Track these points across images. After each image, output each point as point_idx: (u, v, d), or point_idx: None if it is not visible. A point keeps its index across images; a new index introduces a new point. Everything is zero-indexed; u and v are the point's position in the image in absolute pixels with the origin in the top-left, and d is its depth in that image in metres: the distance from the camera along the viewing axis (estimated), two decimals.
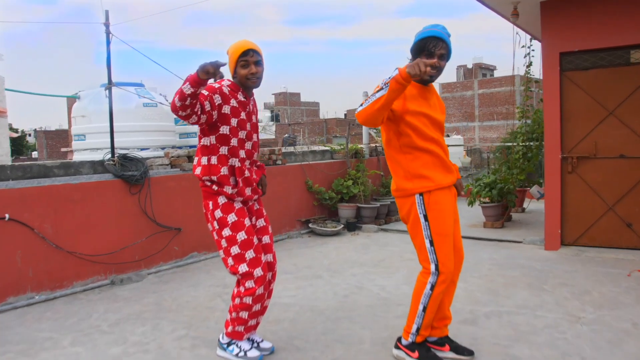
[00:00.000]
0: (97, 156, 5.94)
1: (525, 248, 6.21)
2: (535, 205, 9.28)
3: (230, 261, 3.07)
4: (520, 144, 8.41)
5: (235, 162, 3.11)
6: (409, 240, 6.79)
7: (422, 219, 2.96)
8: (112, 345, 3.57)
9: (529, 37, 8.21)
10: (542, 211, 8.34)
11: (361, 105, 2.72)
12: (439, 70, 2.91)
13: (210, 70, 2.60)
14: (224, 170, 3.07)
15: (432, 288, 2.97)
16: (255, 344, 3.31)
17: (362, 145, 9.43)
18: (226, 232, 3.07)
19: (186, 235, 5.94)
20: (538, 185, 7.83)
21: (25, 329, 3.92)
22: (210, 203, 3.12)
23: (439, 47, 2.86)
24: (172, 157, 6.09)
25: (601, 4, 5.58)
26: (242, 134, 3.11)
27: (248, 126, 3.16)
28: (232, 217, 3.08)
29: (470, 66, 55.29)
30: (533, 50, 8.32)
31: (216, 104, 2.95)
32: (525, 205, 9.18)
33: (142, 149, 6.40)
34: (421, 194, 2.95)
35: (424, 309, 3.00)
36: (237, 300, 3.09)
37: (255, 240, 3.11)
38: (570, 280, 4.76)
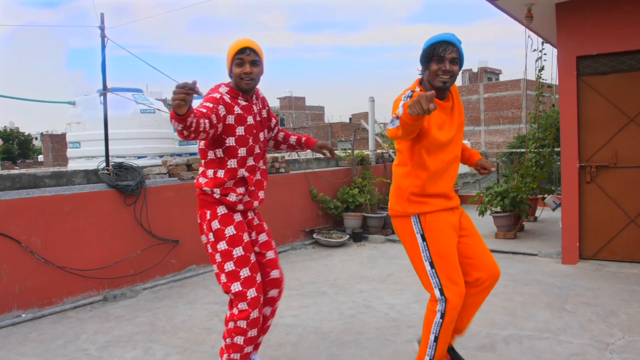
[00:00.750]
0: (91, 164, 5.67)
1: (541, 262, 5.90)
2: (547, 214, 8.96)
3: (223, 278, 2.81)
4: (533, 150, 8.09)
5: (243, 172, 2.86)
6: None
7: (419, 239, 2.77)
8: None
9: (540, 40, 7.92)
10: (555, 220, 8.05)
11: (391, 122, 2.45)
12: (452, 75, 2.66)
13: (183, 100, 2.26)
14: (229, 184, 2.84)
15: (442, 317, 2.71)
16: None
17: (368, 152, 9.14)
18: (222, 245, 2.81)
19: (184, 247, 5.66)
20: (554, 195, 7.50)
21: (6, 352, 3.65)
22: (208, 213, 2.85)
23: (449, 50, 2.62)
24: (170, 165, 5.82)
25: (621, 5, 5.29)
26: (250, 140, 2.87)
27: (255, 131, 2.90)
28: (230, 230, 2.82)
29: (475, 70, 54.98)
30: (545, 54, 8.03)
31: (221, 115, 2.71)
32: (537, 214, 8.86)
33: (139, 157, 6.14)
34: (417, 215, 2.77)
35: (435, 340, 2.75)
36: (231, 324, 2.81)
37: (253, 258, 2.87)
38: (593, 300, 4.45)
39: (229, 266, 2.78)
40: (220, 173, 2.82)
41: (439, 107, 2.69)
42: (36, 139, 60.30)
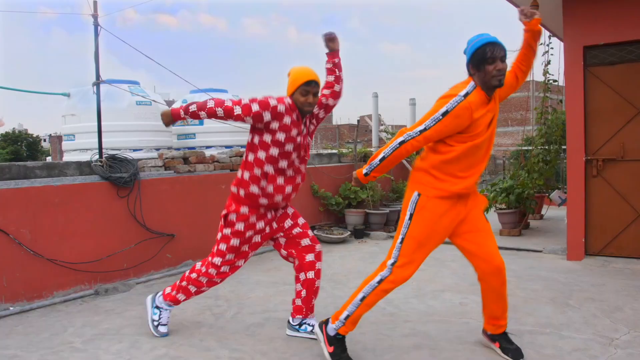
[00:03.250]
0: (86, 157, 5.57)
1: (546, 258, 5.73)
2: (553, 212, 8.78)
3: (214, 249, 3.44)
4: (539, 147, 7.93)
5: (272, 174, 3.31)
6: None
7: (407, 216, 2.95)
8: None
9: (547, 34, 7.76)
10: (562, 218, 7.86)
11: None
12: (502, 73, 2.79)
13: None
14: (253, 189, 3.29)
15: (379, 282, 2.95)
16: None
17: (371, 149, 9.00)
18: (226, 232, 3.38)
19: (180, 241, 5.55)
20: (558, 190, 7.33)
21: None
22: (233, 204, 3.39)
23: (497, 50, 2.77)
24: (167, 158, 5.71)
25: None
26: (289, 147, 3.23)
27: (298, 141, 3.27)
28: (240, 226, 3.35)
29: None
30: (552, 48, 7.87)
31: (264, 120, 3.16)
32: (543, 211, 8.69)
33: (134, 150, 6.05)
34: (418, 194, 2.93)
35: (362, 299, 2.98)
36: (194, 275, 3.46)
37: (245, 249, 3.41)
38: (598, 295, 4.28)
39: (222, 246, 3.40)
40: (247, 175, 3.38)
41: (483, 110, 2.82)
42: (44, 140, 60.61)
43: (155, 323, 3.58)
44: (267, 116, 3.13)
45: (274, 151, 3.20)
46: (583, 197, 5.46)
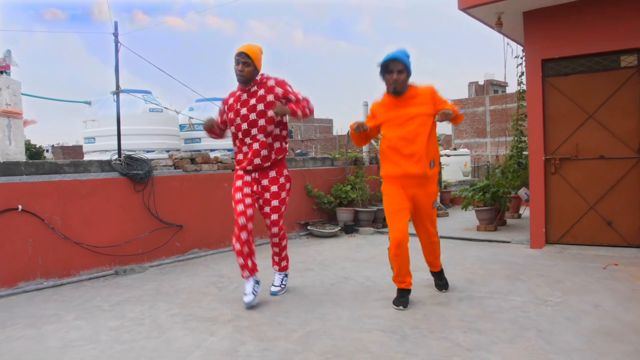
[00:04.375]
0: (105, 157, 6.32)
1: (512, 247, 6.45)
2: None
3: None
4: (515, 150, 8.66)
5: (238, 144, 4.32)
6: None
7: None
8: (111, 320, 3.90)
9: (521, 48, 8.52)
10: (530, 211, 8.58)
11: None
12: (400, 83, 3.89)
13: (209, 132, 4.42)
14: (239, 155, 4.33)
15: (389, 250, 4.03)
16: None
17: (362, 153, 9.75)
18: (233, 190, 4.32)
19: (188, 232, 6.28)
20: (525, 187, 8.06)
21: (33, 307, 4.28)
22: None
23: (394, 64, 3.85)
24: (176, 158, 6.46)
25: (579, 13, 5.90)
26: (237, 121, 4.17)
27: (242, 112, 4.15)
28: (238, 183, 4.29)
29: (481, 83, 55.48)
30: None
31: (224, 117, 4.31)
32: (521, 211, 9.40)
33: (147, 151, 6.79)
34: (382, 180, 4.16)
35: (391, 264, 4.10)
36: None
37: (239, 195, 4.18)
38: (546, 272, 5.00)
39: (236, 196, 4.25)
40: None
41: (395, 103, 4.01)
42: (47, 151, 61.33)
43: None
44: (222, 107, 4.34)
45: (232, 128, 4.25)
46: (543, 192, 6.19)
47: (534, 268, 5.21)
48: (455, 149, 21.80)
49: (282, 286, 4.54)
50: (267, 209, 4.33)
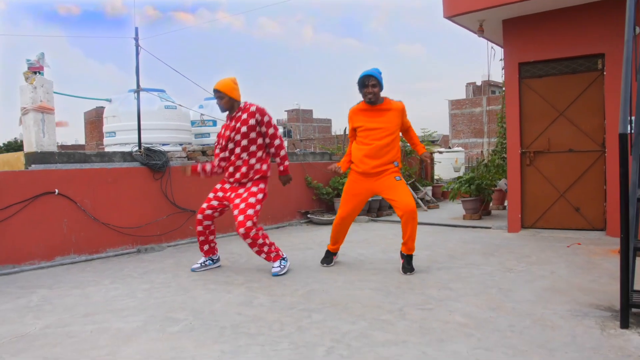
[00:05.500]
0: (126, 149, 7.01)
1: (492, 232, 7.16)
2: None
3: None
4: (499, 146, 9.38)
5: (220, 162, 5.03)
6: (394, 227, 7.80)
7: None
8: (142, 284, 4.60)
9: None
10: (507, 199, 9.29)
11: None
12: (373, 94, 4.71)
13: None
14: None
15: (332, 223, 5.14)
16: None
17: None
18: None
19: None
20: (504, 178, 8.78)
21: (72, 276, 4.98)
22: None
23: (369, 80, 4.67)
24: (189, 151, 7.16)
25: (550, 22, 6.61)
26: (221, 144, 4.90)
27: (226, 139, 4.84)
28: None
29: (479, 83, 56.21)
30: None
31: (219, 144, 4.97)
32: (505, 203, 10.11)
33: (163, 144, 7.46)
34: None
35: (330, 233, 5.23)
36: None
37: (210, 196, 5.00)
38: (517, 250, 5.71)
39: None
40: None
41: (369, 111, 4.87)
42: None
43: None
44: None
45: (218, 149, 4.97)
46: (519, 182, 6.90)
47: (508, 247, 5.91)
48: (450, 148, 22.52)
49: (281, 267, 4.92)
50: (233, 206, 4.92)
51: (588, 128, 6.54)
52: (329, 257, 5.22)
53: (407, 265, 4.76)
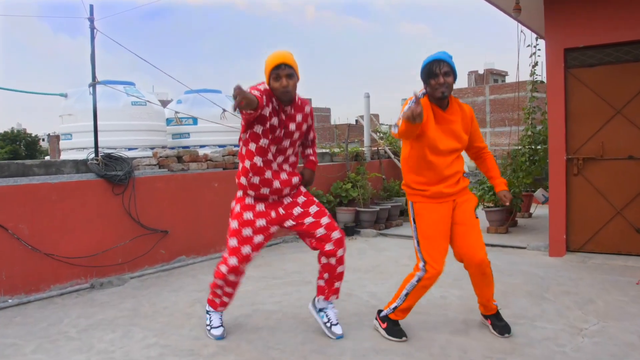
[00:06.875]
0: (82, 155, 5.74)
1: (528, 254, 5.91)
2: (542, 210, 8.94)
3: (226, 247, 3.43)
4: (526, 146, 8.11)
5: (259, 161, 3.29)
6: (407, 245, 6.55)
7: (411, 222, 3.42)
8: (75, 353, 3.34)
9: (535, 36, 7.94)
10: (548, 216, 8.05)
11: (394, 126, 3.07)
12: (447, 86, 3.18)
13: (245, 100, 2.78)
14: (243, 180, 3.36)
15: (418, 281, 3.32)
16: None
17: (363, 148, 9.18)
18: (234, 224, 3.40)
19: (174, 238, 5.71)
20: (543, 188, 7.51)
21: None
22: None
23: (441, 66, 3.17)
24: (161, 157, 5.88)
25: None
26: (272, 136, 3.25)
27: (278, 132, 3.27)
28: (237, 208, 3.42)
29: (481, 72, 54.85)
30: (539, 49, 8.03)
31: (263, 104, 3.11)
32: (532, 210, 8.86)
33: (129, 149, 6.22)
34: (412, 203, 3.41)
35: (406, 295, 3.38)
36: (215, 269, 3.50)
37: (248, 233, 3.32)
38: (573, 289, 4.46)
39: (231, 242, 3.40)
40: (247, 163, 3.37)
41: (440, 118, 3.25)
42: (43, 140, 60.69)
43: (208, 327, 3.58)
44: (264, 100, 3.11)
45: (252, 146, 3.25)
46: (564, 195, 5.64)
47: (558, 282, 4.66)
48: None
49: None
50: (308, 220, 3.46)
51: None
52: (398, 327, 3.49)
53: (500, 322, 3.49)
